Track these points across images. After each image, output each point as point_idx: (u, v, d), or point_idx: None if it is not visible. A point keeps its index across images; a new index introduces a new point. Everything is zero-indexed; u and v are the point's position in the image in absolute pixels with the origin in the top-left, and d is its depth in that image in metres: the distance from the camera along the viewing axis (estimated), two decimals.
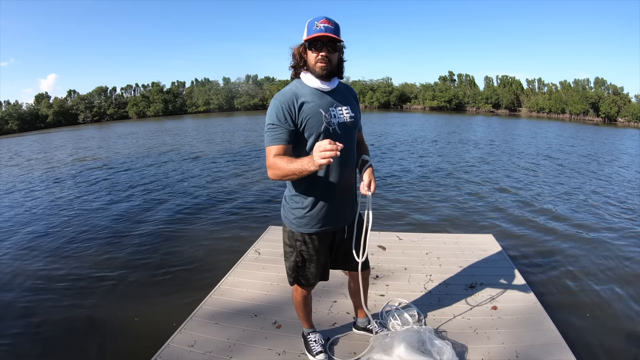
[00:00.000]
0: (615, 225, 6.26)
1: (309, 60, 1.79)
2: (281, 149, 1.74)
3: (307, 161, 1.58)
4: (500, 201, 7.63)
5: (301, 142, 1.81)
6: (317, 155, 1.47)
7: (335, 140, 1.72)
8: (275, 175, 1.71)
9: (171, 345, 2.44)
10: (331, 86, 1.85)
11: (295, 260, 2.05)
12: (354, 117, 1.91)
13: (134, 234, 6.01)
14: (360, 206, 2.09)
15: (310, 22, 1.74)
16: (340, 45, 1.82)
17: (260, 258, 3.77)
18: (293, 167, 1.63)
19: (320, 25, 1.71)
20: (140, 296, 4.08)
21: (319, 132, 1.78)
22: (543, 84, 64.23)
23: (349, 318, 2.71)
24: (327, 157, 1.44)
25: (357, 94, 2.06)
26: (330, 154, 1.44)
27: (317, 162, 1.47)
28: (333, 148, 1.44)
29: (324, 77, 1.80)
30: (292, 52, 1.86)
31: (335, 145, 1.44)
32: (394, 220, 6.32)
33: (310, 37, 1.73)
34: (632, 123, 46.59)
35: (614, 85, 54.60)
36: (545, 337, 2.45)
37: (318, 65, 1.77)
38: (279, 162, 1.68)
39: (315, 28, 1.71)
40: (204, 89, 73.02)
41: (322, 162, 1.45)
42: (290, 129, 1.75)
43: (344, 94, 1.92)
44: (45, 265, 4.98)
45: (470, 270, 3.46)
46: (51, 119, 60.87)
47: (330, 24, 1.72)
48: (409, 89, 72.39)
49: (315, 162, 1.50)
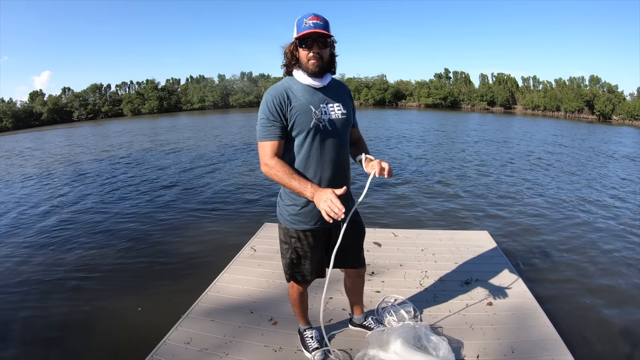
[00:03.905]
0: (610, 221, 6.31)
1: (301, 58, 1.79)
2: (275, 144, 1.78)
3: (309, 190, 1.68)
4: (495, 198, 7.67)
5: (291, 138, 1.82)
6: (326, 206, 1.57)
7: (325, 136, 1.81)
8: (271, 176, 1.78)
9: (167, 343, 2.43)
10: (323, 83, 1.84)
11: (290, 257, 2.04)
12: (346, 114, 1.90)
13: (128, 232, 5.97)
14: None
15: (299, 20, 1.73)
16: (331, 40, 1.81)
17: (256, 255, 3.77)
18: (294, 185, 1.72)
19: (309, 22, 1.70)
20: (135, 294, 4.05)
21: (309, 129, 1.78)
22: (538, 81, 64.66)
23: (345, 314, 2.72)
24: (330, 215, 1.56)
25: (350, 90, 2.05)
26: (335, 215, 1.55)
27: (321, 208, 1.59)
28: (340, 214, 1.54)
29: (317, 74, 1.80)
30: (284, 50, 1.85)
31: (342, 213, 1.54)
32: (389, 217, 6.33)
33: (301, 35, 1.72)
34: (626, 121, 46.98)
35: (609, 84, 55.05)
36: (540, 332, 2.47)
37: (310, 63, 1.77)
38: (280, 170, 1.75)
39: (305, 25, 1.70)
40: (199, 86, 72.77)
41: (323, 213, 1.58)
42: (281, 125, 1.77)
43: (336, 91, 1.92)
44: (41, 263, 4.95)
45: (465, 266, 3.48)
46: (46, 117, 60.43)
47: (319, 20, 1.71)
48: (404, 86, 72.52)
49: (317, 204, 1.62)
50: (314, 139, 1.80)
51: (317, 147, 1.81)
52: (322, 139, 1.81)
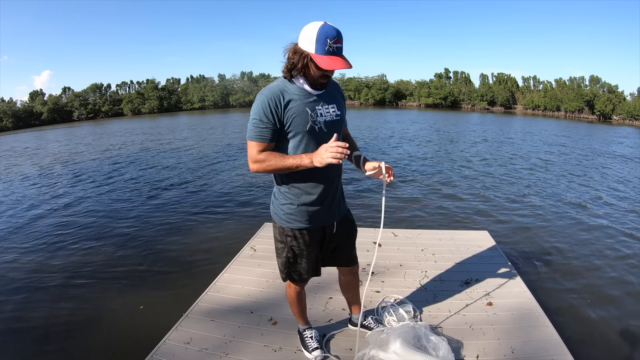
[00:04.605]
0: (610, 221, 6.31)
1: (312, 72, 1.68)
2: (265, 146, 1.75)
3: (306, 158, 1.67)
4: (495, 198, 7.67)
5: (285, 139, 1.79)
6: (328, 153, 1.56)
7: (321, 138, 1.78)
8: (263, 168, 1.76)
9: (167, 343, 2.43)
10: (320, 89, 1.80)
11: (286, 256, 2.04)
12: (340, 114, 1.89)
13: (128, 232, 5.97)
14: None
15: (320, 35, 1.56)
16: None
17: (256, 255, 3.76)
18: (289, 162, 1.70)
19: (333, 46, 1.58)
20: (135, 294, 4.06)
21: (304, 131, 1.76)
22: (538, 81, 64.62)
23: (344, 314, 2.71)
24: (338, 157, 1.55)
25: (342, 90, 2.03)
26: (341, 154, 1.55)
27: (325, 160, 1.57)
28: (344, 151, 1.55)
29: (318, 88, 1.77)
30: (287, 54, 1.71)
31: (345, 149, 1.55)
32: (389, 217, 6.32)
33: (328, 68, 1.61)
34: (626, 121, 46.97)
35: (609, 84, 55.04)
36: (540, 332, 2.46)
37: (319, 81, 1.73)
38: (271, 157, 1.73)
39: (329, 49, 1.58)
40: (199, 85, 72.78)
41: (330, 160, 1.56)
42: (274, 128, 1.73)
43: (330, 92, 1.88)
44: (42, 263, 4.95)
45: (465, 266, 3.47)
46: (46, 116, 60.45)
47: (341, 43, 1.61)
48: (404, 86, 72.49)
49: (321, 160, 1.60)
50: (309, 141, 1.78)
51: (312, 149, 1.78)
52: (317, 140, 1.78)
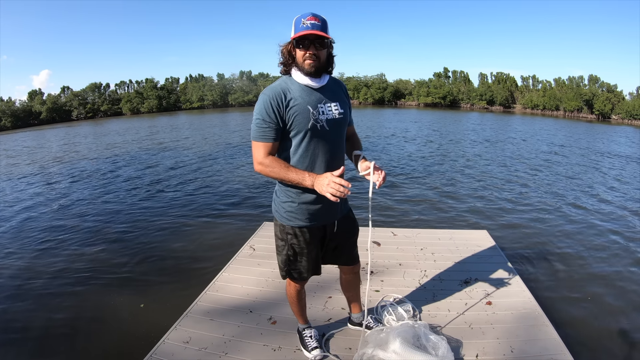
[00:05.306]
0: (610, 221, 6.32)
1: (298, 58, 1.76)
2: (269, 146, 1.78)
3: (308, 179, 1.70)
4: (494, 197, 7.67)
5: (288, 137, 1.81)
6: (330, 188, 1.59)
7: (323, 136, 1.81)
8: (266, 173, 1.78)
9: (166, 342, 2.43)
10: (320, 83, 1.82)
11: (287, 253, 2.04)
12: (343, 113, 1.89)
13: (127, 232, 5.96)
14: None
15: (297, 19, 1.70)
16: (329, 41, 1.78)
17: (255, 254, 3.76)
18: (291, 177, 1.73)
19: (307, 22, 1.67)
20: (134, 293, 4.05)
21: (307, 129, 1.77)
22: (537, 81, 64.67)
23: (344, 314, 2.71)
24: (337, 196, 1.58)
25: (347, 88, 2.04)
26: (341, 194, 1.58)
27: (324, 192, 1.61)
28: (345, 191, 1.58)
29: (313, 74, 1.78)
30: (281, 49, 1.82)
31: (348, 190, 1.58)
32: (388, 216, 6.33)
33: (298, 35, 1.69)
34: (625, 120, 47.03)
35: (608, 83, 55.13)
36: (539, 332, 2.47)
37: (306, 63, 1.75)
38: (276, 165, 1.75)
39: (302, 25, 1.67)
40: (198, 85, 72.71)
41: (328, 196, 1.59)
42: (277, 127, 1.76)
43: (333, 90, 1.90)
44: (42, 263, 4.95)
45: (464, 265, 3.47)
46: (45, 116, 60.40)
47: (317, 21, 1.68)
48: (403, 85, 72.51)
49: (321, 190, 1.63)
50: (311, 139, 1.79)
51: (314, 147, 1.81)
52: (319, 139, 1.80)
